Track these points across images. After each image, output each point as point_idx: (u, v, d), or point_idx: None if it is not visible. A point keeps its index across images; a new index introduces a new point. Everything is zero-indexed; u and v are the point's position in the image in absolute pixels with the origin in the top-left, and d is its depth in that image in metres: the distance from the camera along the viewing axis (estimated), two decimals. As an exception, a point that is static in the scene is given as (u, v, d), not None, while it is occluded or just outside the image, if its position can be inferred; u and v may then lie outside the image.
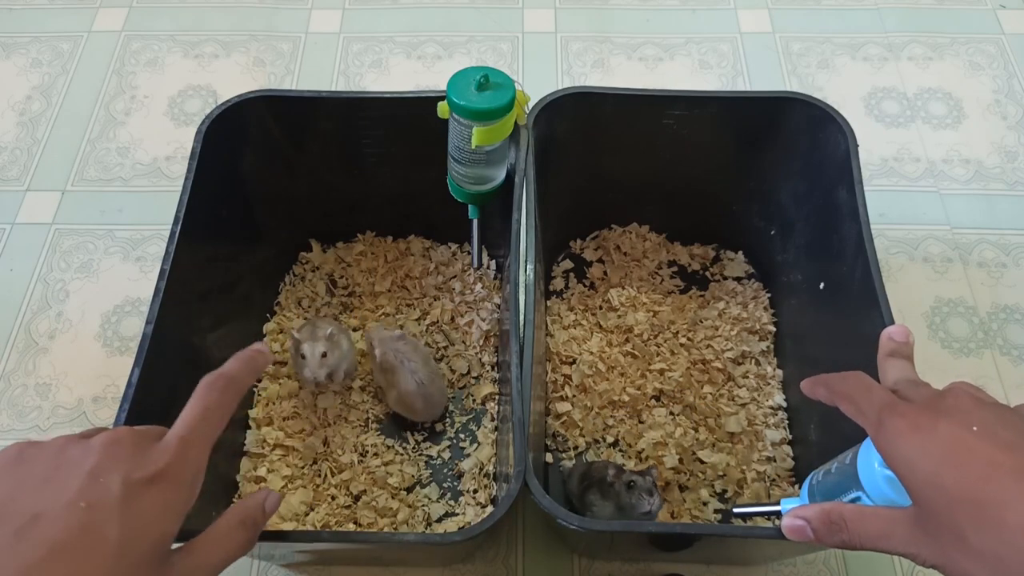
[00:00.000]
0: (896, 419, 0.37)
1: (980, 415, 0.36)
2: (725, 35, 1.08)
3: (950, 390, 0.39)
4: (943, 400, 0.37)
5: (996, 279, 0.87)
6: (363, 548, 0.62)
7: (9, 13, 1.11)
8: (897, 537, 0.37)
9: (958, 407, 0.37)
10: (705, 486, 0.72)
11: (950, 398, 0.37)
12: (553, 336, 0.80)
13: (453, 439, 0.75)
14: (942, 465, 0.35)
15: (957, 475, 0.34)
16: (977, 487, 0.33)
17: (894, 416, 0.37)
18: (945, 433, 0.35)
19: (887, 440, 0.37)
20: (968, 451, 0.34)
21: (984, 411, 0.36)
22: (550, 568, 0.70)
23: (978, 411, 0.36)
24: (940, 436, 0.35)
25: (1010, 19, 1.10)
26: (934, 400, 0.38)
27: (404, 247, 0.86)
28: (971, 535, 0.33)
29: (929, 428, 0.36)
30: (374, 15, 1.11)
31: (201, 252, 0.66)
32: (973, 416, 0.36)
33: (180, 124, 1.00)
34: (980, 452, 0.34)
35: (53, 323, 0.84)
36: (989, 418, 0.36)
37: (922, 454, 0.35)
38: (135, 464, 0.36)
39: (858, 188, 0.63)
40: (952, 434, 0.35)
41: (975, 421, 0.35)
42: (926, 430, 0.36)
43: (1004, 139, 0.98)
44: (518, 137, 0.65)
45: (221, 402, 0.41)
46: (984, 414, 0.36)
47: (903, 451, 0.36)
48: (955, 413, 0.36)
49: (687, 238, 0.87)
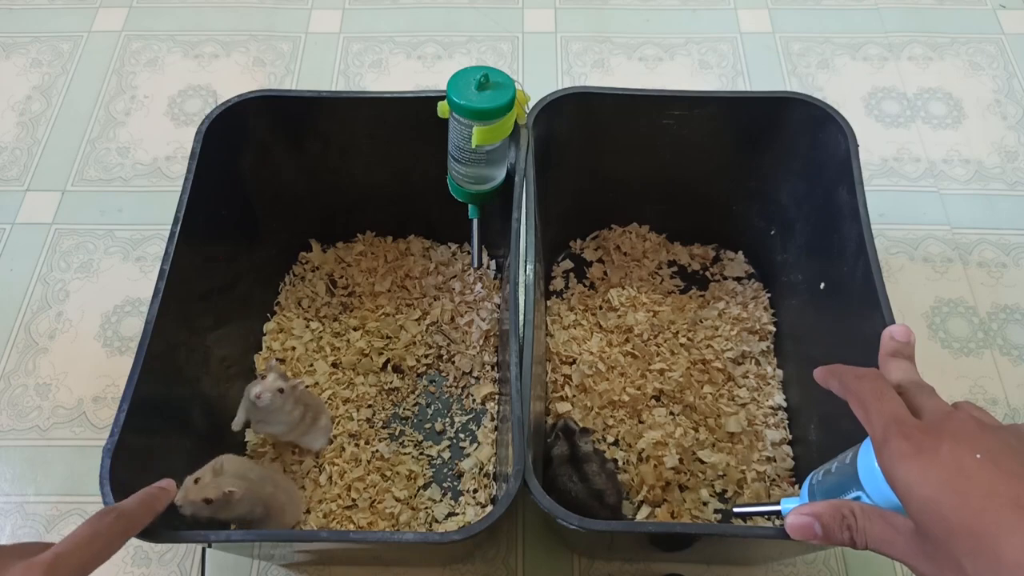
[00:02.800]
0: (900, 441, 0.37)
1: (984, 442, 0.36)
2: (725, 35, 1.08)
3: (956, 412, 0.38)
4: (948, 423, 0.37)
5: (996, 279, 0.87)
6: (363, 548, 0.62)
7: (9, 13, 1.11)
8: (899, 546, 0.37)
9: (963, 432, 0.36)
10: (705, 486, 0.72)
11: (955, 422, 0.37)
12: (553, 336, 0.80)
13: (453, 439, 0.75)
14: (941, 492, 0.34)
15: (955, 503, 0.34)
16: (974, 517, 0.33)
17: (899, 437, 0.37)
18: (947, 459, 0.35)
19: (889, 460, 0.37)
20: (968, 479, 0.34)
21: (988, 438, 0.36)
22: (550, 568, 0.70)
23: (982, 438, 0.36)
24: (941, 461, 0.35)
25: (1010, 19, 1.10)
26: (940, 422, 0.38)
27: (404, 247, 0.86)
28: (968, 564, 0.33)
29: (931, 452, 0.36)
30: (374, 15, 1.11)
31: (201, 252, 0.66)
32: (977, 442, 0.35)
33: (180, 124, 1.00)
34: (980, 481, 0.34)
35: (53, 323, 0.84)
36: (993, 445, 0.35)
37: (922, 480, 0.35)
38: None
39: (858, 188, 0.63)
40: (954, 460, 0.35)
41: (979, 448, 0.35)
42: (928, 454, 0.36)
43: (1004, 139, 0.98)
44: (518, 137, 0.65)
45: (109, 533, 0.44)
46: (988, 441, 0.36)
47: (903, 474, 0.36)
48: (960, 438, 0.36)
49: (687, 238, 0.87)
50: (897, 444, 0.37)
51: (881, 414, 0.39)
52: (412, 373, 0.79)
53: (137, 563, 0.70)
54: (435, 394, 0.78)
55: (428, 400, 0.77)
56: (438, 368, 0.79)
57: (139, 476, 0.53)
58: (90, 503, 0.73)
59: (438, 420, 0.76)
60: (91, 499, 0.73)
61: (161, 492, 0.50)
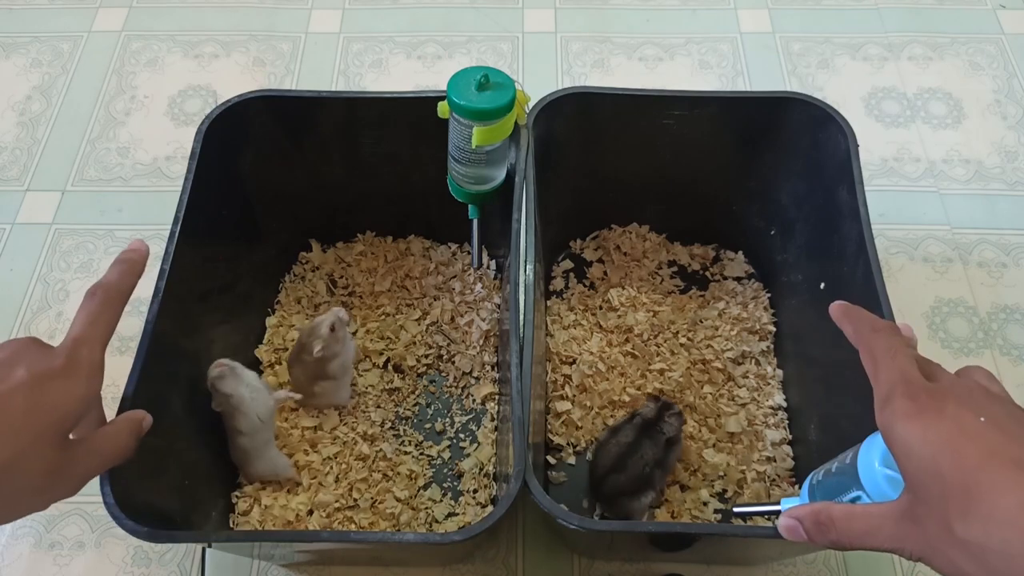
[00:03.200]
0: (904, 400, 0.36)
1: (990, 408, 0.35)
2: (725, 35, 1.08)
3: (965, 376, 0.38)
4: (955, 386, 0.37)
5: (996, 279, 0.87)
6: (363, 548, 0.62)
7: (9, 13, 1.11)
8: (883, 533, 0.37)
9: (969, 396, 0.36)
10: (705, 486, 0.72)
11: (962, 387, 0.37)
12: (553, 336, 0.80)
13: (453, 439, 0.75)
14: (940, 451, 0.34)
15: (954, 461, 0.33)
16: (972, 474, 0.32)
17: (904, 396, 0.36)
18: (949, 419, 0.35)
19: (890, 417, 0.36)
20: (970, 439, 0.34)
21: (995, 405, 0.36)
22: (550, 568, 0.70)
23: (988, 404, 0.36)
24: (943, 422, 0.34)
25: (1010, 19, 1.10)
26: (947, 385, 0.37)
27: (404, 247, 0.86)
28: (958, 527, 0.32)
29: (935, 413, 0.35)
30: (374, 15, 1.11)
31: (201, 252, 0.66)
32: (982, 407, 0.35)
33: (180, 124, 1.00)
34: (982, 440, 0.33)
35: (53, 323, 0.84)
36: (999, 412, 0.35)
37: (921, 439, 0.35)
38: (37, 360, 0.43)
39: (858, 188, 0.63)
40: (957, 421, 0.34)
41: (984, 412, 0.35)
42: (931, 415, 0.35)
43: (1004, 139, 0.98)
44: (518, 137, 0.65)
45: (103, 308, 0.48)
46: (995, 408, 0.35)
47: (902, 432, 0.35)
48: (965, 402, 0.35)
49: (687, 238, 0.87)
50: (901, 403, 0.36)
51: (890, 371, 0.38)
52: (412, 373, 0.79)
53: (137, 563, 0.70)
54: (435, 394, 0.78)
55: (428, 400, 0.77)
56: (438, 368, 0.79)
57: (139, 476, 0.53)
58: (90, 503, 0.73)
59: (438, 420, 0.76)
60: (91, 499, 0.73)
61: (135, 254, 0.51)
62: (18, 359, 0.43)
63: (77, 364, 0.44)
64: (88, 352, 0.45)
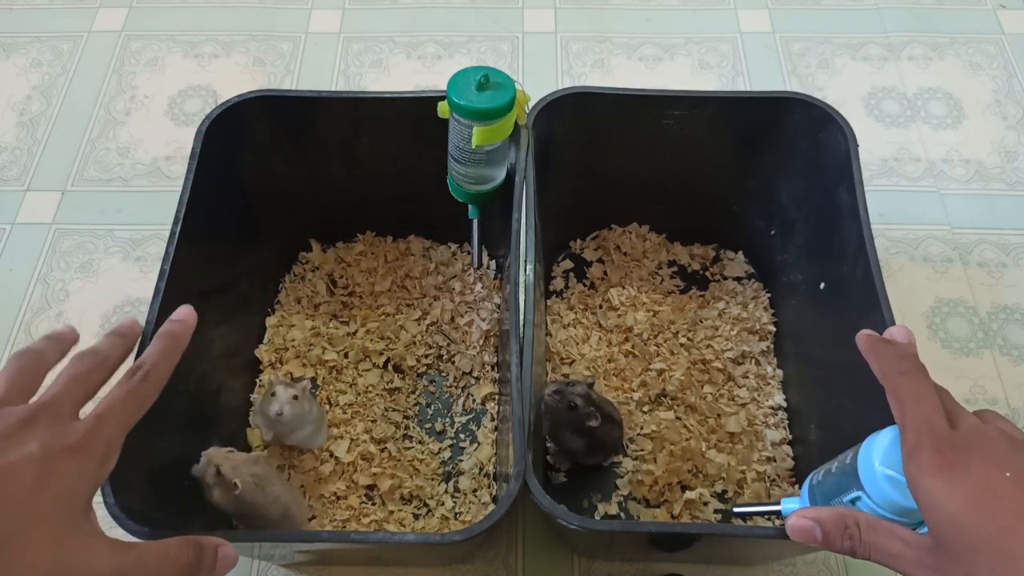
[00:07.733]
0: (931, 453, 0.37)
1: (1014, 459, 0.35)
2: (725, 35, 1.08)
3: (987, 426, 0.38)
4: (979, 438, 0.37)
5: (996, 279, 0.87)
6: (363, 548, 0.62)
7: (9, 13, 1.11)
8: (909, 561, 0.37)
9: (993, 449, 0.36)
10: (705, 486, 0.72)
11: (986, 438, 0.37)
12: (553, 336, 0.80)
13: (453, 439, 0.75)
14: (966, 508, 0.34)
15: (981, 520, 0.34)
16: (1001, 536, 0.33)
17: (930, 449, 0.37)
18: (975, 476, 0.35)
19: (916, 469, 0.37)
20: (997, 498, 0.34)
21: (1019, 454, 0.36)
22: (550, 568, 0.70)
23: (1012, 455, 0.36)
24: (970, 479, 0.35)
25: (1010, 19, 1.10)
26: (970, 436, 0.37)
27: (404, 247, 0.86)
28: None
29: (960, 468, 0.35)
30: (374, 15, 1.11)
31: (201, 252, 0.66)
32: (1007, 460, 0.35)
33: (180, 124, 1.00)
34: (1009, 500, 0.34)
35: (53, 323, 0.84)
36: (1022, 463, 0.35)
37: (947, 495, 0.35)
38: (53, 433, 0.39)
39: (858, 188, 0.63)
40: (982, 478, 0.35)
41: (1009, 466, 0.35)
42: (957, 469, 0.35)
43: (1004, 139, 0.98)
44: (518, 137, 0.65)
45: (139, 387, 0.44)
46: (1018, 458, 0.36)
47: (927, 486, 0.36)
48: (989, 456, 0.36)
49: (687, 238, 0.87)
50: (927, 456, 0.36)
51: (916, 420, 0.38)
52: (412, 373, 0.79)
53: (137, 563, 0.70)
54: (435, 394, 0.78)
55: (428, 400, 0.77)
56: (438, 368, 0.79)
57: (139, 476, 0.53)
58: (90, 503, 0.73)
59: (438, 420, 0.76)
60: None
61: (180, 326, 0.48)
62: (33, 430, 0.39)
63: (94, 443, 0.41)
64: (109, 433, 0.42)
